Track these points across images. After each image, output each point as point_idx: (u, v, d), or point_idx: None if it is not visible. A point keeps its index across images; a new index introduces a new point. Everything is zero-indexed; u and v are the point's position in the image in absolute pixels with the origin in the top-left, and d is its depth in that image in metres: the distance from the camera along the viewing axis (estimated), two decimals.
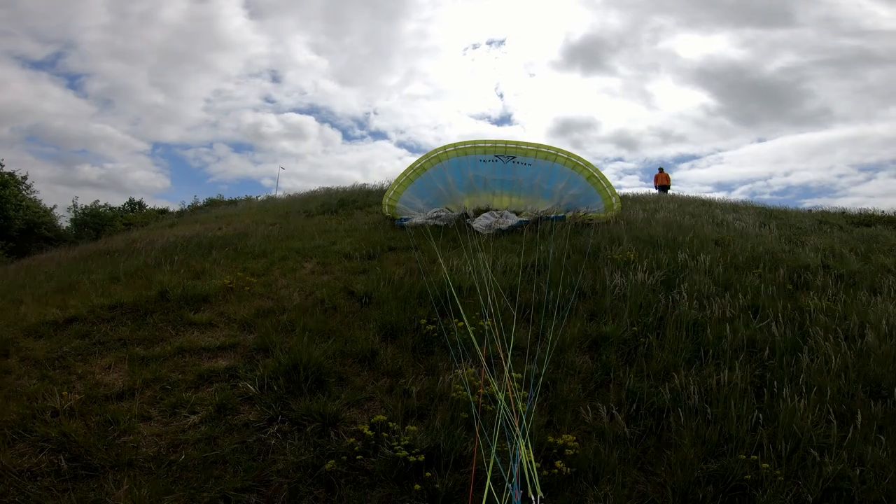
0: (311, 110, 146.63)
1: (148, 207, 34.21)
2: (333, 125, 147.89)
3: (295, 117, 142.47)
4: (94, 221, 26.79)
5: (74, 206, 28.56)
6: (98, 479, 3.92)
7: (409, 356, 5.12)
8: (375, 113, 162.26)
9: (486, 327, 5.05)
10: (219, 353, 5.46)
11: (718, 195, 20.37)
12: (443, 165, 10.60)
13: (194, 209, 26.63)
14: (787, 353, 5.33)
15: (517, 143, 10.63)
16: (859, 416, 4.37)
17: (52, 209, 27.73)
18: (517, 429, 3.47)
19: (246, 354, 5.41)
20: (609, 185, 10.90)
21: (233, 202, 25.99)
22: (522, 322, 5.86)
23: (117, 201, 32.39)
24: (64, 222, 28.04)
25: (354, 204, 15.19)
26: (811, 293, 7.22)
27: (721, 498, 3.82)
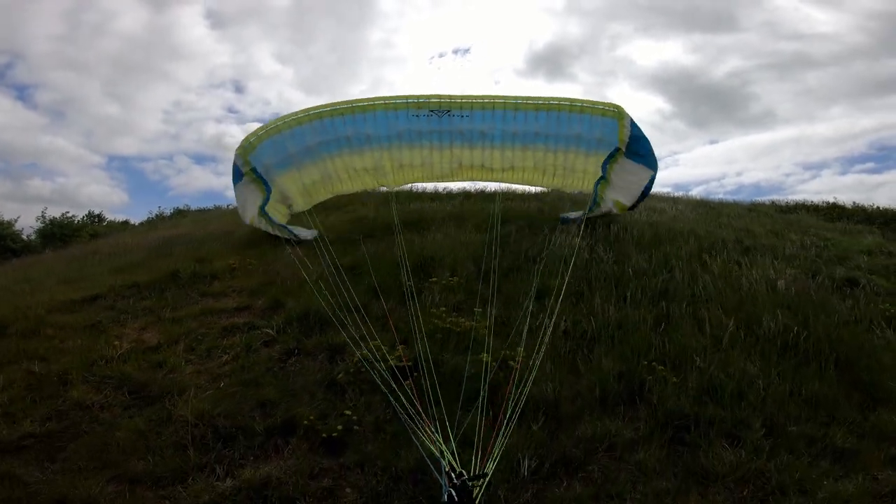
0: None
1: (108, 220, 33.61)
2: None
3: None
4: (61, 232, 26.56)
5: (43, 216, 28.17)
6: (160, 403, 5.02)
7: (394, 306, 6.40)
8: None
9: (455, 281, 6.39)
10: (235, 314, 6.62)
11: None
12: (364, 116, 9.80)
13: (161, 218, 26.56)
14: (685, 295, 6.92)
15: (451, 97, 9.86)
16: (726, 338, 5.97)
17: (15, 220, 27.32)
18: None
19: (258, 313, 6.58)
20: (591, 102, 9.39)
21: (202, 211, 26.09)
22: (485, 280, 7.25)
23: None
24: (28, 234, 27.63)
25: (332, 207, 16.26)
26: (716, 257, 8.92)
27: (628, 390, 5.28)
